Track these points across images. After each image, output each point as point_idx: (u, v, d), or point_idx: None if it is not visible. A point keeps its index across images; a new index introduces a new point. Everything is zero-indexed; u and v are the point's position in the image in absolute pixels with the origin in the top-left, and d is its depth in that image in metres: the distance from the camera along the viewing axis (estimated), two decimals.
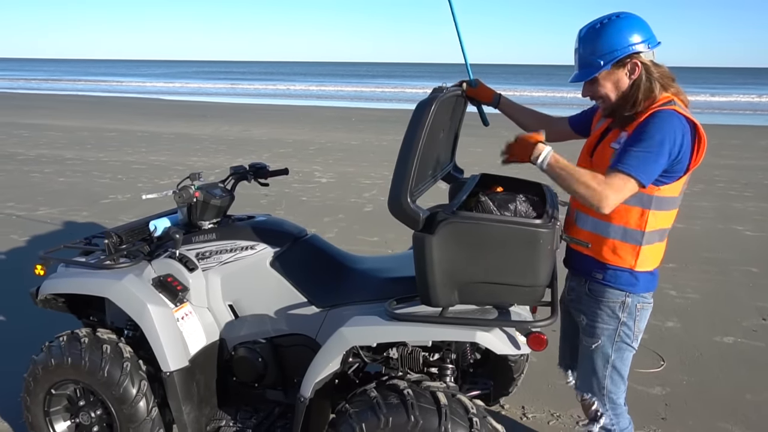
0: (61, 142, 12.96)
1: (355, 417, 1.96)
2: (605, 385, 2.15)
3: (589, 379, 2.19)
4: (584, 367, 2.20)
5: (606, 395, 2.17)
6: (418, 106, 1.88)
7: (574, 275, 2.19)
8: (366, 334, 1.99)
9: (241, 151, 11.87)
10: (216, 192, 2.55)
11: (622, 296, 2.05)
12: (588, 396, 2.21)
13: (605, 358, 2.12)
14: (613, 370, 2.13)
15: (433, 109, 1.86)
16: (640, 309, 2.08)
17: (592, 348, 2.13)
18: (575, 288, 2.18)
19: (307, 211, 7.16)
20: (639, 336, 2.12)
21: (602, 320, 2.09)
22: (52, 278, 2.49)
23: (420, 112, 1.86)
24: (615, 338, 2.09)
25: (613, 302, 2.06)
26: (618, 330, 2.08)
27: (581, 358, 2.22)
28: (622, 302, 2.05)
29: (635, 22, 1.94)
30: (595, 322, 2.11)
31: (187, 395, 2.30)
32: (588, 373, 2.18)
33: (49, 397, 2.44)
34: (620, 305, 2.06)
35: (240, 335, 2.47)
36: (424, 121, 1.84)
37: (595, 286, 2.09)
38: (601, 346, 2.11)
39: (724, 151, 12.32)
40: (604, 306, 2.08)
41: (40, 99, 27.68)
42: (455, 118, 2.47)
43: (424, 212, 1.84)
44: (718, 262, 5.49)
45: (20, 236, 6.05)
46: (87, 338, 2.35)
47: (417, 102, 1.93)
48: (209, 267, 2.47)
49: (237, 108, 23.91)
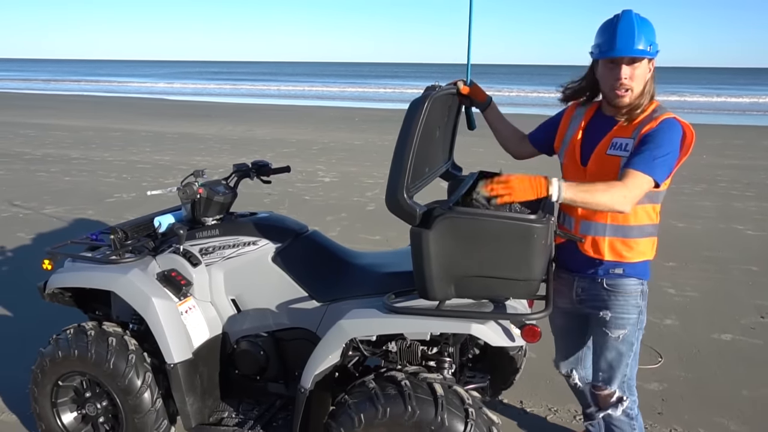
0: (67, 142, 13.06)
1: (354, 407, 2.01)
2: (627, 372, 2.26)
3: (613, 370, 2.26)
4: (607, 358, 2.26)
5: (626, 381, 2.27)
6: (411, 104, 1.93)
7: (583, 277, 2.24)
8: (364, 326, 2.04)
9: (244, 150, 11.94)
10: (219, 189, 2.60)
11: (640, 285, 2.19)
12: (609, 385, 2.28)
13: (630, 346, 2.22)
14: (635, 355, 2.25)
15: (426, 106, 1.91)
16: (646, 293, 2.23)
17: (619, 338, 2.21)
18: (588, 288, 2.24)
19: (310, 210, 7.22)
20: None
21: (627, 311, 2.19)
22: (59, 273, 2.55)
23: (413, 109, 1.91)
24: (637, 325, 2.21)
25: (635, 293, 2.19)
26: (639, 317, 2.21)
27: (603, 351, 2.27)
28: (641, 291, 2.20)
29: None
30: (622, 314, 2.20)
31: (190, 387, 2.35)
32: (612, 363, 2.26)
33: (56, 388, 2.50)
34: (640, 294, 2.20)
35: (242, 329, 2.52)
36: (418, 118, 1.89)
37: (613, 281, 2.18)
38: (627, 336, 2.21)
39: (727, 151, 12.33)
40: (628, 297, 2.18)
41: (46, 99, 27.85)
42: (450, 117, 2.51)
43: (421, 208, 1.89)
44: (718, 260, 5.51)
45: (27, 234, 6.12)
46: (93, 331, 2.40)
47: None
48: (212, 262, 2.52)
49: (241, 108, 24.00)
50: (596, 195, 1.91)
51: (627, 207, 1.94)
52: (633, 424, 2.33)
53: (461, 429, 1.90)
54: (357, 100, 30.65)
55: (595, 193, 1.91)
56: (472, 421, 1.92)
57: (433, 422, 1.91)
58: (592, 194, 1.91)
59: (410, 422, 1.93)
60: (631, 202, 1.94)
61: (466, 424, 1.91)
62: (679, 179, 9.22)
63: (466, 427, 1.91)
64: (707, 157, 11.19)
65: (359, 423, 1.99)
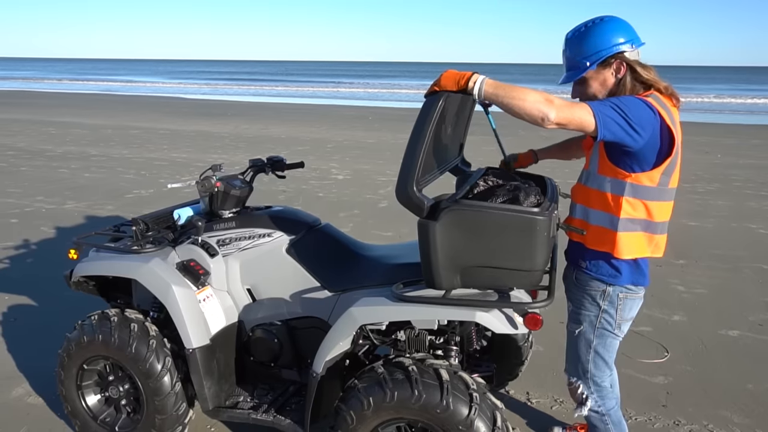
0: (87, 140, 13.31)
1: (363, 391, 2.11)
2: (589, 369, 2.27)
3: (574, 363, 2.32)
4: (570, 351, 2.34)
5: (590, 378, 2.29)
6: (427, 100, 1.98)
7: (568, 265, 2.30)
8: (373, 313, 2.13)
9: (260, 148, 12.09)
10: (236, 183, 2.70)
11: (603, 286, 2.15)
12: (574, 380, 2.34)
13: (587, 344, 2.24)
14: (596, 354, 2.24)
15: (441, 104, 1.95)
16: (623, 298, 2.16)
17: (576, 333, 2.27)
18: (568, 277, 2.31)
19: (324, 207, 7.33)
20: (623, 324, 2.21)
21: (584, 307, 2.22)
22: (84, 262, 2.68)
23: (428, 106, 1.96)
24: (596, 324, 2.20)
25: (594, 291, 2.18)
26: (599, 317, 2.19)
27: (568, 344, 2.36)
28: (603, 291, 2.16)
29: (618, 25, 2.04)
30: (579, 309, 2.24)
31: (208, 371, 2.46)
32: (573, 357, 2.32)
33: (81, 371, 2.63)
34: (601, 294, 2.16)
35: (257, 317, 2.62)
36: (433, 113, 1.93)
37: (580, 275, 2.22)
38: (583, 332, 2.24)
39: (743, 150, 12.24)
40: (586, 294, 2.20)
41: (66, 98, 28.31)
42: (463, 115, 2.58)
43: (428, 200, 1.97)
44: (728, 258, 5.52)
45: (49, 228, 6.30)
46: (116, 317, 2.52)
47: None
48: (229, 253, 2.63)
49: (257, 107, 24.20)
50: (519, 91, 1.80)
51: (551, 112, 1.77)
52: (605, 419, 2.34)
53: (466, 412, 1.99)
54: (371, 99, 30.75)
55: (518, 89, 1.81)
56: (477, 405, 2.00)
57: (438, 406, 1.99)
58: (516, 90, 1.81)
59: (417, 405, 2.02)
60: (556, 109, 1.77)
61: (471, 407, 1.99)
62: (693, 178, 9.25)
63: (471, 410, 1.99)
64: (722, 156, 11.12)
65: (368, 406, 2.08)
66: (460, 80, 1.86)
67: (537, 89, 1.84)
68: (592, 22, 2.06)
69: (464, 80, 1.85)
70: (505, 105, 1.83)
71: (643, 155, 1.96)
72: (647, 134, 1.91)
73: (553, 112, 1.78)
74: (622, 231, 2.06)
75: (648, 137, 1.92)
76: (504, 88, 1.83)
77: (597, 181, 2.10)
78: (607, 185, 2.05)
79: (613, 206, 2.06)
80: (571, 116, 1.82)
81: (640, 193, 2.03)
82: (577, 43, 2.07)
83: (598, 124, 1.84)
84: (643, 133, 1.90)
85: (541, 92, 1.82)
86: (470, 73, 1.87)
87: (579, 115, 1.83)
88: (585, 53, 2.04)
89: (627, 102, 1.91)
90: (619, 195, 2.04)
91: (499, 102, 1.85)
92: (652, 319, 4.18)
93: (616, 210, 2.05)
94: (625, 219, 2.05)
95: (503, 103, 1.83)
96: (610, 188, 2.05)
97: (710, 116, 21.48)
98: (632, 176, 2.00)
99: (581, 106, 1.85)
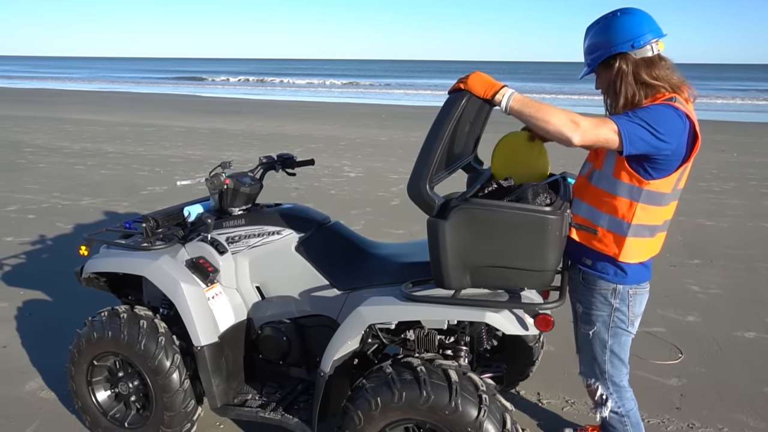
0: (103, 137, 13.44)
1: (371, 391, 2.09)
2: (606, 369, 2.23)
3: (590, 365, 2.27)
4: (585, 353, 2.29)
5: (608, 379, 2.25)
6: (449, 98, 1.93)
7: (572, 265, 2.24)
8: (382, 312, 2.11)
9: (273, 146, 12.12)
10: (245, 180, 2.70)
11: (612, 285, 2.11)
12: (592, 381, 2.29)
13: (603, 344, 2.20)
14: (612, 354, 2.20)
15: (464, 103, 1.91)
16: (633, 295, 2.12)
17: (590, 335, 2.21)
18: (573, 278, 2.24)
19: (336, 204, 7.32)
20: (636, 320, 2.18)
21: (596, 307, 2.16)
22: (95, 258, 2.69)
23: (451, 103, 1.91)
24: (610, 324, 2.16)
25: (604, 290, 2.13)
26: (612, 316, 2.15)
27: (581, 344, 2.30)
28: (614, 289, 2.11)
29: (629, 21, 1.96)
30: (590, 310, 2.18)
31: (216, 369, 2.46)
32: (589, 359, 2.27)
33: (91, 368, 2.64)
34: (612, 292, 2.12)
35: (266, 315, 2.62)
36: (454, 112, 1.89)
37: (587, 275, 2.16)
38: (597, 333, 2.19)
39: (758, 149, 12.05)
40: (596, 293, 2.15)
41: (83, 95, 28.64)
42: (482, 114, 2.52)
43: (439, 199, 1.94)
44: (744, 258, 5.43)
45: (65, 224, 6.37)
46: (126, 314, 2.53)
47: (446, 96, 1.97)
48: (238, 250, 2.63)
49: (271, 104, 24.29)
50: (546, 111, 1.81)
51: (575, 135, 1.78)
52: (624, 420, 2.30)
53: (474, 414, 1.96)
54: (384, 97, 30.73)
55: (546, 109, 1.81)
56: (486, 407, 1.97)
57: (447, 407, 1.97)
58: (543, 110, 1.81)
59: (425, 406, 2.00)
60: (582, 133, 1.79)
61: (480, 409, 1.97)
62: (708, 177, 9.12)
63: (480, 412, 1.96)
64: (738, 155, 10.94)
65: (376, 406, 2.06)
66: (488, 89, 1.87)
67: (564, 109, 1.84)
68: (604, 18, 2.02)
69: (492, 91, 1.86)
70: (530, 123, 1.86)
71: (666, 163, 1.92)
72: (675, 143, 1.88)
73: (577, 136, 1.80)
74: (631, 236, 2.02)
75: (675, 146, 1.88)
76: (530, 106, 1.83)
77: (610, 183, 2.02)
78: (622, 190, 1.99)
79: (626, 212, 2.00)
80: (596, 138, 1.83)
81: (654, 200, 1.99)
82: (588, 39, 2.05)
83: (624, 143, 1.83)
84: (671, 143, 1.87)
85: (567, 113, 1.83)
86: (500, 85, 1.88)
87: (604, 135, 1.83)
88: (590, 50, 2.03)
89: (656, 113, 1.86)
90: (635, 201, 1.98)
91: (524, 119, 1.86)
92: (665, 319, 4.12)
93: (628, 216, 2.00)
94: (636, 225, 2.01)
95: (528, 121, 1.85)
96: (625, 193, 1.99)
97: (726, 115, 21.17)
98: (650, 183, 1.95)
99: (607, 125, 1.83)
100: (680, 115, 1.88)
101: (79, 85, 40.97)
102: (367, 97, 31.20)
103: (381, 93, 35.20)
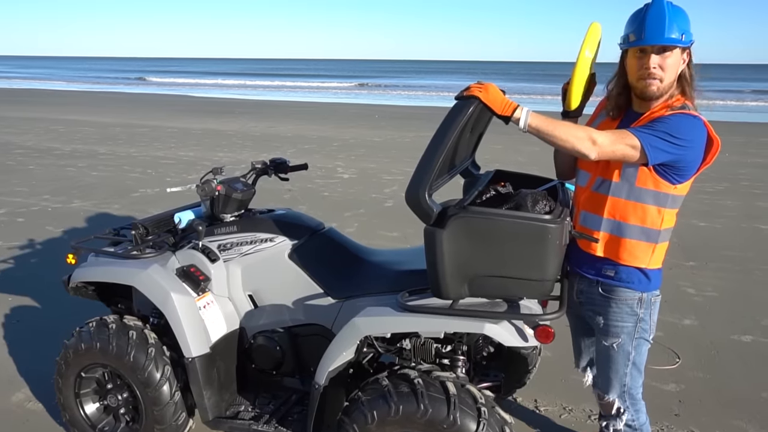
0: (94, 138, 13.33)
1: (366, 404, 2.04)
2: (626, 382, 2.17)
3: (610, 379, 2.19)
4: (605, 366, 2.20)
5: (627, 392, 2.19)
6: (457, 105, 1.87)
7: (583, 278, 2.16)
8: (378, 324, 2.06)
9: (266, 146, 12.05)
10: (237, 186, 2.64)
11: (638, 294, 2.06)
12: (611, 395, 2.22)
13: (626, 356, 2.12)
14: (633, 366, 2.15)
15: (471, 111, 1.85)
16: (654, 301, 2.10)
17: (614, 347, 2.12)
18: (585, 290, 2.16)
19: (329, 206, 7.27)
20: (654, 327, 2.15)
21: (621, 319, 2.09)
22: (82, 267, 2.63)
23: (458, 110, 1.86)
24: (635, 335, 2.10)
25: (630, 300, 2.06)
26: (637, 326, 2.09)
27: (601, 358, 2.21)
28: (639, 298, 2.06)
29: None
30: (614, 321, 2.10)
31: (208, 380, 2.40)
32: (610, 372, 2.18)
33: (79, 379, 2.58)
34: (638, 302, 2.06)
35: (259, 324, 2.56)
36: (461, 119, 1.84)
37: (608, 286, 2.08)
38: (621, 345, 2.11)
39: (751, 149, 12.09)
40: (621, 304, 2.07)
41: (75, 96, 28.45)
42: (483, 120, 2.46)
43: (437, 207, 1.89)
44: (739, 260, 5.42)
45: (55, 227, 6.28)
46: (114, 324, 2.47)
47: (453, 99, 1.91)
48: (230, 258, 2.57)
49: (264, 105, 24.19)
50: (563, 129, 1.82)
51: (592, 153, 1.82)
52: None
53: (474, 428, 1.91)
54: (377, 97, 30.70)
55: (563, 127, 1.83)
56: (485, 420, 1.93)
57: (445, 421, 1.92)
58: (560, 128, 1.82)
59: (422, 420, 1.95)
60: (599, 150, 1.82)
61: (479, 423, 1.92)
62: (701, 177, 8.92)
63: (479, 426, 1.92)
64: (730, 155, 10.96)
65: (372, 420, 2.01)
66: (506, 107, 1.85)
67: (581, 126, 1.84)
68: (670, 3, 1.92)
69: (510, 109, 1.85)
70: (548, 141, 1.87)
71: (688, 168, 1.93)
72: (697, 150, 1.90)
73: (594, 153, 1.84)
74: (661, 242, 2.03)
75: (697, 152, 1.90)
76: (548, 124, 1.84)
77: (634, 192, 1.96)
78: (648, 198, 1.95)
79: (655, 218, 1.98)
80: (613, 153, 1.86)
81: (677, 203, 2.00)
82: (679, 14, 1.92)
83: (648, 155, 1.85)
84: (692, 149, 1.89)
85: (585, 129, 1.87)
86: (516, 104, 1.86)
87: (621, 151, 1.86)
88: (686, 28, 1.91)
89: (676, 123, 1.87)
90: (662, 207, 1.97)
91: (541, 137, 1.86)
92: (662, 323, 4.08)
93: (658, 222, 1.99)
94: (665, 230, 2.02)
95: (546, 139, 1.86)
96: (652, 201, 1.96)
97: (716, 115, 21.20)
98: (676, 188, 1.95)
99: (626, 140, 1.84)
100: (699, 121, 1.89)
101: (70, 85, 40.69)
102: (360, 97, 31.16)
103: (374, 93, 35.15)
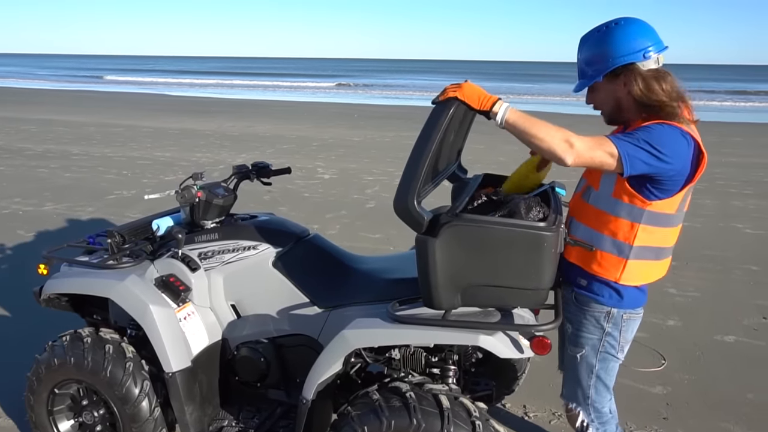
0: (68, 138, 13.00)
1: (357, 420, 1.96)
2: (590, 394, 2.12)
3: (573, 388, 2.16)
4: (569, 376, 2.17)
5: (591, 404, 2.14)
6: (436, 108, 1.81)
7: (564, 283, 2.12)
8: (368, 336, 1.99)
9: (244, 146, 11.86)
10: (219, 191, 2.55)
11: (606, 308, 2.00)
12: (573, 405, 2.18)
13: (589, 368, 2.08)
14: (598, 380, 2.09)
15: (452, 112, 1.80)
16: (627, 320, 2.02)
17: (578, 357, 2.10)
18: (566, 296, 2.12)
19: (310, 208, 7.17)
20: (626, 346, 2.08)
21: (587, 330, 2.05)
22: (54, 278, 2.50)
23: (438, 113, 1.80)
24: (599, 348, 2.05)
25: (598, 312, 2.01)
26: (603, 340, 2.03)
27: (566, 366, 2.19)
28: (608, 312, 2.00)
29: (634, 30, 1.86)
30: (580, 332, 2.07)
31: (189, 395, 2.30)
32: (573, 382, 2.15)
33: (52, 396, 2.46)
34: (605, 315, 2.00)
35: (242, 335, 2.47)
36: (442, 122, 1.78)
37: (580, 296, 2.04)
38: (585, 356, 2.08)
39: (724, 149, 12.28)
40: (589, 316, 2.03)
41: (48, 94, 27.75)
42: (466, 121, 2.42)
43: (428, 215, 1.83)
44: (718, 260, 5.48)
45: (27, 231, 6.07)
46: (90, 338, 2.35)
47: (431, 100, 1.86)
48: (212, 267, 2.47)
49: (241, 104, 23.90)
50: (541, 128, 1.73)
51: (568, 156, 1.71)
52: None
53: None
54: (356, 97, 30.59)
55: (542, 126, 1.74)
56: None
57: None
58: (538, 126, 1.73)
59: None
60: (575, 154, 1.72)
61: None
62: None
63: None
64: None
65: None
66: (484, 101, 1.78)
67: (560, 128, 1.75)
68: (605, 27, 1.90)
69: (489, 103, 1.78)
70: (523, 139, 1.78)
71: (670, 183, 1.82)
72: (679, 165, 1.79)
73: (571, 157, 1.73)
74: (633, 259, 1.92)
75: (680, 167, 1.79)
76: (525, 121, 1.76)
77: (609, 204, 1.91)
78: (622, 211, 1.88)
79: (626, 233, 1.90)
80: (591, 160, 1.76)
81: (658, 221, 1.89)
82: (587, 50, 1.93)
83: (624, 165, 1.75)
84: (674, 164, 1.78)
85: (563, 131, 1.74)
86: (495, 98, 1.78)
87: (599, 158, 1.76)
88: (593, 62, 1.90)
89: (659, 134, 1.77)
90: (636, 222, 1.88)
91: (517, 134, 1.78)
92: (646, 324, 4.02)
93: (630, 237, 1.90)
94: (638, 247, 1.91)
95: (522, 137, 1.78)
96: (626, 214, 1.88)
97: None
98: (653, 204, 1.86)
99: (603, 147, 1.75)
100: (684, 135, 1.79)
101: (43, 83, 39.73)
102: (339, 96, 31.00)
103: (353, 93, 35.01)
